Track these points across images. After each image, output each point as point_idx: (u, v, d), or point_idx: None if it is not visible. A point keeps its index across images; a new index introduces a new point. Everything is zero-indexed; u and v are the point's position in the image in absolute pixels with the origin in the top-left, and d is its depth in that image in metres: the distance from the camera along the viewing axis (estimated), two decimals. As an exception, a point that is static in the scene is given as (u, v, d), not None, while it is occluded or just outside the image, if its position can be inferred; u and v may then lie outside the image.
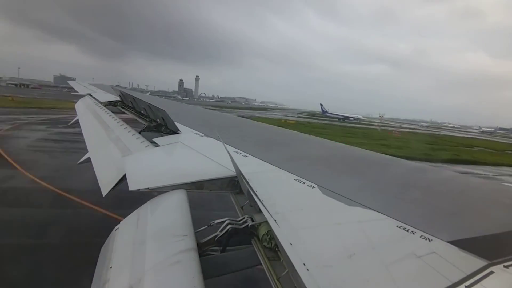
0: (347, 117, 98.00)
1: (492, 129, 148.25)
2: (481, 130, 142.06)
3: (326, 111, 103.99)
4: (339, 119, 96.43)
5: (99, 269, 1.59)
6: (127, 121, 5.20)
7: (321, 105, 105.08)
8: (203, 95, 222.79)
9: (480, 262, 1.27)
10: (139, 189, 2.13)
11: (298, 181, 2.26)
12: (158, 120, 4.79)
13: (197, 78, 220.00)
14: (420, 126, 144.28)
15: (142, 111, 5.86)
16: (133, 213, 2.05)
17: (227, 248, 1.72)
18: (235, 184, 2.40)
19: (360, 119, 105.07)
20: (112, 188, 2.68)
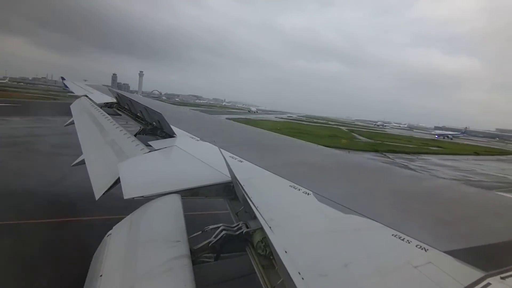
0: None
1: (380, 123, 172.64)
2: (378, 124, 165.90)
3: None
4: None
5: (90, 277, 1.55)
6: (122, 123, 5.15)
7: (62, 78, 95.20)
8: (156, 92, 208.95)
9: (477, 274, 1.25)
10: (133, 198, 2.10)
11: (293, 187, 2.24)
12: (154, 123, 4.76)
13: (141, 74, 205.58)
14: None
15: (138, 114, 5.82)
16: (126, 218, 2.01)
17: (221, 255, 1.69)
18: (230, 190, 2.37)
19: None
20: (105, 192, 2.64)
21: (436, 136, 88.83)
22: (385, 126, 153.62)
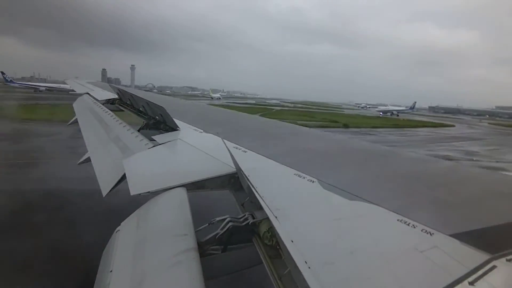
0: (38, 88, 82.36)
1: (364, 105, 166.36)
2: (362, 106, 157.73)
3: (11, 80, 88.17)
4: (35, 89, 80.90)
5: (100, 273, 1.58)
6: (125, 119, 5.16)
7: (2, 73, 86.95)
8: (150, 85, 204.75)
9: (482, 256, 1.26)
10: (140, 194, 2.12)
11: (298, 175, 2.25)
12: (157, 117, 4.75)
13: (132, 68, 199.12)
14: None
15: (140, 109, 5.82)
16: (134, 213, 2.04)
17: (228, 247, 1.71)
18: (235, 181, 2.38)
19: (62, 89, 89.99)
20: (112, 188, 2.67)
21: (381, 114, 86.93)
22: (368, 108, 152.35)
